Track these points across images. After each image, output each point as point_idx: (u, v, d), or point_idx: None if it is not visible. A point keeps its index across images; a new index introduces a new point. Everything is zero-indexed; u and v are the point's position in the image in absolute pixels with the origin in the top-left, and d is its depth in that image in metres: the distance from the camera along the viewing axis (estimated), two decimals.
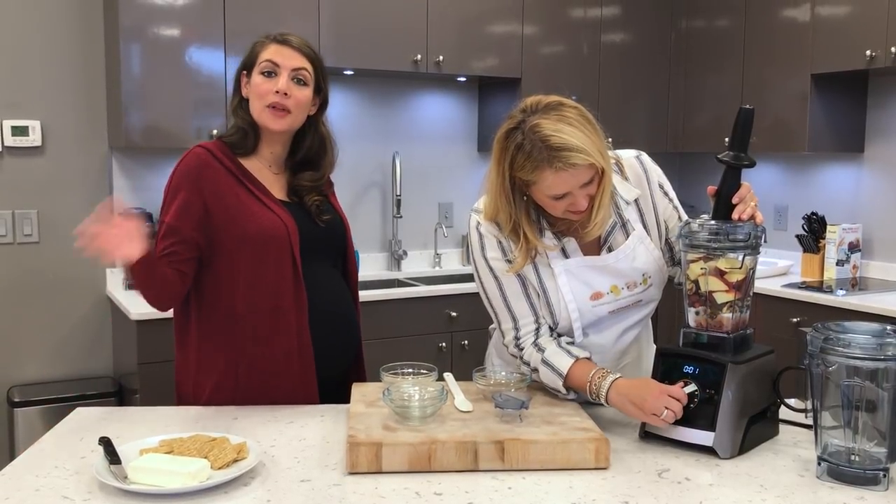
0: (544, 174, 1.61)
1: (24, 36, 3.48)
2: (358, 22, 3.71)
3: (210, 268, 1.91)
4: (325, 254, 2.01)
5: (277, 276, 1.89)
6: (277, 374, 1.91)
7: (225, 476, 1.43)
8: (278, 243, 1.88)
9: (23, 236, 3.53)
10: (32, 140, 3.50)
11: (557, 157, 1.59)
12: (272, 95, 1.89)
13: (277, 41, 1.93)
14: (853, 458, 1.46)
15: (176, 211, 1.87)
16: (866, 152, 3.99)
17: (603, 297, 1.80)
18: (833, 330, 1.48)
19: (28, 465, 1.54)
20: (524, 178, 1.65)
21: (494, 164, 1.70)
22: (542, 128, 1.60)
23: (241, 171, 1.92)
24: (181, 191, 1.88)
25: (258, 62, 1.92)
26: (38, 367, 3.59)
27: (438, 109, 4.36)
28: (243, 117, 1.95)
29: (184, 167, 1.91)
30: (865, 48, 3.50)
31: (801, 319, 3.46)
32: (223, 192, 1.89)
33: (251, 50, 1.96)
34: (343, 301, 2.03)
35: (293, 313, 1.90)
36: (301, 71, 1.92)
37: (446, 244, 4.40)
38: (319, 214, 1.98)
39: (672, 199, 1.88)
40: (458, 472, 1.49)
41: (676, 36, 4.49)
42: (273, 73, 1.90)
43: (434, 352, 3.63)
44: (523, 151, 1.62)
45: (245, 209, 1.88)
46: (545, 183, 1.63)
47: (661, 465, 1.54)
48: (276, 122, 1.91)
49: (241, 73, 1.97)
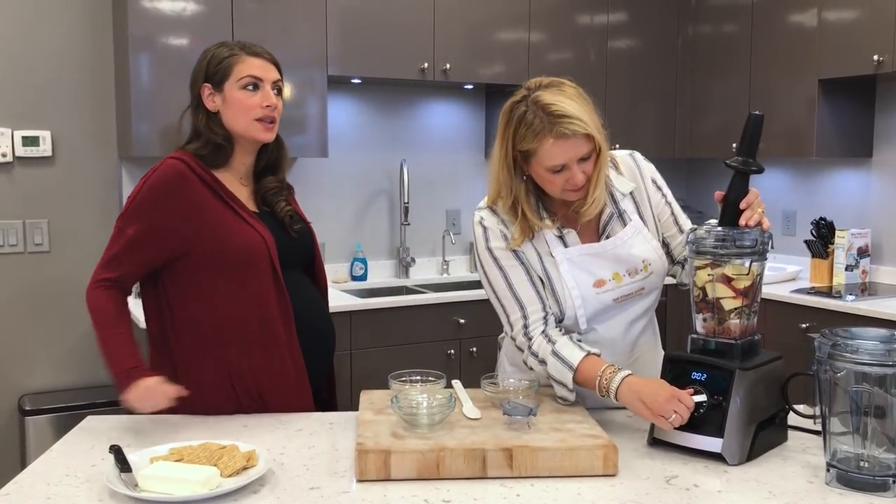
0: (545, 142, 1.69)
1: (35, 47, 3.51)
2: (365, 31, 3.73)
3: (192, 282, 1.88)
4: (299, 263, 2.03)
5: (260, 289, 1.87)
6: (272, 384, 1.90)
7: (235, 484, 1.44)
8: (258, 258, 1.87)
9: (33, 245, 3.55)
10: (43, 150, 3.53)
11: (558, 124, 1.68)
12: (261, 109, 1.89)
13: (253, 54, 1.91)
14: (862, 465, 1.45)
15: (140, 229, 1.84)
16: (874, 157, 3.98)
17: (606, 285, 1.83)
18: (841, 336, 1.47)
19: (39, 474, 1.55)
20: (526, 147, 1.72)
21: (499, 139, 1.78)
22: (543, 98, 1.71)
23: (217, 184, 1.89)
24: (149, 207, 1.85)
25: (235, 76, 1.89)
26: (49, 375, 3.60)
27: (445, 117, 4.37)
28: (217, 132, 1.91)
29: (157, 180, 1.85)
30: (873, 53, 3.50)
31: (811, 325, 3.45)
32: (201, 206, 1.86)
33: (219, 62, 1.90)
34: (320, 310, 2.05)
35: (280, 324, 1.89)
36: (278, 82, 1.94)
37: (454, 251, 4.41)
38: (292, 224, 1.99)
39: (665, 195, 1.93)
40: (466, 480, 1.49)
41: (683, 42, 4.49)
42: (257, 87, 1.89)
43: (442, 359, 3.63)
44: (525, 122, 1.71)
45: (224, 224, 1.86)
46: (545, 152, 1.70)
47: (669, 471, 1.54)
48: (266, 134, 1.92)
49: (204, 85, 1.92)
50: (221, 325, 1.88)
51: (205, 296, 1.88)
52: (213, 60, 1.91)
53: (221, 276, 1.86)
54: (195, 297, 1.88)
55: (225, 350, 1.88)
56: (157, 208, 1.84)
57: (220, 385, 1.89)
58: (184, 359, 1.90)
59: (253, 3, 3.49)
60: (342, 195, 4.14)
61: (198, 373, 1.89)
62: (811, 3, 3.79)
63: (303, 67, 3.63)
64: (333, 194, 4.12)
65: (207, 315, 1.88)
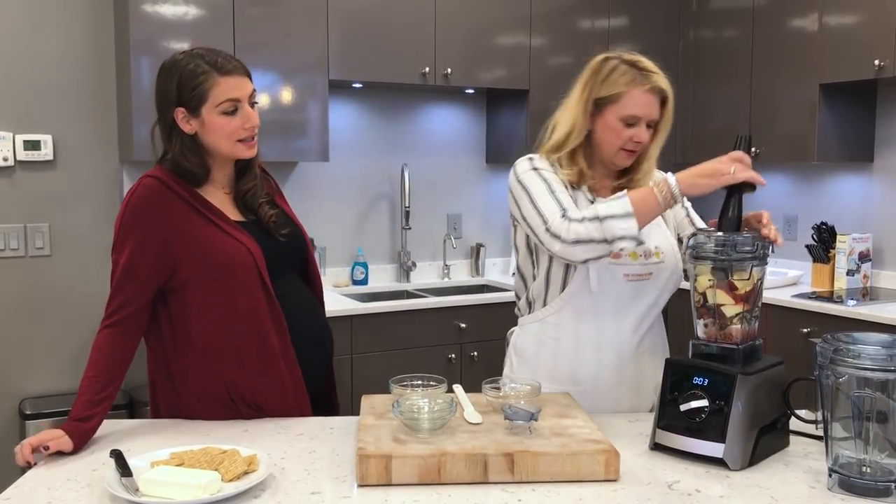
0: (633, 91, 1.87)
1: (36, 51, 3.51)
2: (366, 35, 3.73)
3: (183, 300, 1.86)
4: (290, 267, 2.00)
5: (251, 301, 1.85)
6: (269, 395, 1.88)
7: (235, 488, 1.44)
8: (245, 270, 1.84)
9: (34, 249, 3.55)
10: (44, 154, 3.53)
11: (649, 78, 1.89)
12: (242, 131, 1.85)
13: (225, 73, 1.82)
14: (864, 470, 1.45)
15: (131, 251, 1.81)
16: (876, 162, 3.98)
17: (621, 258, 1.88)
18: (843, 341, 1.47)
19: (40, 478, 1.55)
20: (613, 91, 1.88)
21: (579, 87, 1.94)
22: (637, 57, 1.92)
23: (196, 199, 1.86)
24: (135, 229, 1.82)
25: (211, 101, 1.82)
26: (50, 379, 3.60)
27: (446, 121, 4.37)
28: (191, 160, 1.86)
29: (136, 201, 1.83)
30: (874, 58, 3.50)
31: (812, 330, 3.44)
32: (181, 224, 1.83)
33: (192, 88, 1.82)
34: (314, 313, 2.02)
35: (274, 335, 1.87)
36: (253, 94, 1.88)
37: (455, 255, 4.40)
38: (278, 230, 1.95)
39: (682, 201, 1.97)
40: (467, 485, 1.49)
41: (684, 46, 4.49)
42: (236, 109, 1.83)
43: (443, 363, 3.63)
44: (619, 70, 1.89)
45: (207, 240, 1.84)
46: (631, 99, 1.87)
47: (671, 476, 1.54)
48: (250, 151, 1.89)
49: (177, 109, 1.84)
50: (216, 339, 1.86)
51: (198, 310, 1.86)
52: (184, 83, 1.82)
53: (211, 290, 1.84)
54: (190, 312, 1.86)
55: (221, 363, 1.86)
56: (140, 230, 1.82)
57: (217, 397, 1.88)
58: (181, 371, 1.89)
59: (254, 7, 3.49)
60: (343, 199, 4.14)
61: (196, 385, 1.88)
62: (812, 7, 3.79)
63: (304, 71, 3.63)
64: (334, 198, 4.12)
65: (202, 329, 1.86)
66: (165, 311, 1.89)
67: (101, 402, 1.76)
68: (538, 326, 2.01)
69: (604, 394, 1.96)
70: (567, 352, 1.97)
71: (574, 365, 1.96)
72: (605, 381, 1.96)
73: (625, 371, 1.96)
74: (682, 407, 1.63)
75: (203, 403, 1.88)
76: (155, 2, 3.33)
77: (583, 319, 1.95)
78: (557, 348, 1.98)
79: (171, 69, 1.86)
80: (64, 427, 1.69)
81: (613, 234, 1.74)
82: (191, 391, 1.88)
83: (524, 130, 4.12)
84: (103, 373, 1.79)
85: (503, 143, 4.34)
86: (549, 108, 2.04)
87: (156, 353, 1.93)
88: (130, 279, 1.82)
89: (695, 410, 1.61)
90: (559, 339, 1.97)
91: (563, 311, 1.96)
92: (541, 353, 2.00)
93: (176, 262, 1.83)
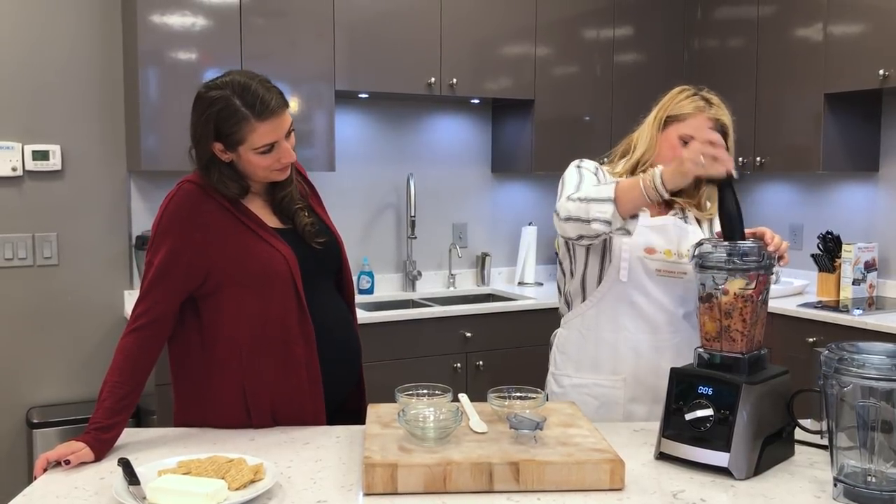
0: (698, 116, 2.05)
1: (45, 61, 3.54)
2: (372, 45, 3.75)
3: (214, 302, 1.87)
4: (325, 276, 2.00)
5: (282, 309, 1.86)
6: (285, 404, 1.89)
7: (242, 497, 1.44)
8: (281, 278, 1.85)
9: (42, 259, 3.57)
10: (53, 164, 3.55)
11: (712, 108, 2.07)
12: (277, 164, 1.85)
13: (264, 119, 1.79)
14: (869, 480, 1.45)
15: (166, 253, 1.82)
16: (881, 171, 3.98)
17: (655, 254, 2.03)
18: (847, 350, 1.47)
19: (48, 487, 1.56)
20: (679, 112, 2.07)
21: (656, 108, 2.14)
22: (710, 94, 2.12)
23: (235, 205, 1.87)
24: (172, 232, 1.83)
25: (248, 145, 1.80)
26: (57, 388, 3.62)
27: (452, 131, 4.39)
28: (230, 186, 1.85)
29: (175, 206, 1.85)
30: (878, 67, 3.51)
31: (818, 339, 3.44)
32: (219, 229, 1.84)
33: (230, 129, 1.79)
34: (346, 323, 2.02)
35: (301, 345, 1.88)
36: (290, 125, 1.86)
37: (461, 265, 4.41)
38: (314, 237, 1.95)
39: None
40: (473, 494, 1.49)
41: (689, 56, 4.50)
42: (272, 148, 1.83)
43: (449, 372, 3.63)
44: (690, 98, 2.09)
45: (243, 246, 1.85)
46: (693, 120, 2.04)
47: (676, 486, 1.54)
48: (283, 175, 1.90)
49: (214, 144, 1.82)
50: (243, 344, 1.86)
51: (230, 315, 1.86)
52: (221, 122, 1.80)
53: (244, 296, 1.85)
54: (222, 317, 1.86)
55: (243, 368, 1.86)
56: (177, 233, 1.83)
57: (233, 402, 1.88)
58: (203, 374, 1.89)
59: (261, 19, 3.52)
60: (349, 209, 4.15)
61: (214, 388, 1.89)
62: (817, 17, 3.80)
63: (310, 82, 3.65)
64: (340, 208, 4.12)
65: (233, 334, 1.86)
66: (196, 317, 1.89)
67: (123, 410, 1.78)
68: (579, 321, 2.12)
69: (642, 382, 2.05)
70: (607, 343, 2.07)
71: (614, 354, 2.07)
72: (644, 370, 2.05)
73: (662, 361, 1.99)
74: (687, 416, 1.63)
75: (216, 408, 1.89)
76: (163, 12, 3.36)
77: (619, 311, 2.05)
78: (599, 339, 2.08)
79: (208, 109, 1.81)
80: (83, 439, 1.70)
81: (590, 216, 1.83)
82: (206, 394, 1.89)
83: (530, 140, 4.13)
84: (128, 380, 1.80)
85: (509, 153, 4.35)
86: (554, 118, 2.08)
87: (178, 356, 1.93)
88: (163, 281, 1.83)
89: (700, 420, 1.61)
90: (599, 330, 2.08)
91: (600, 304, 2.07)
92: (584, 346, 2.11)
93: (210, 266, 1.84)
